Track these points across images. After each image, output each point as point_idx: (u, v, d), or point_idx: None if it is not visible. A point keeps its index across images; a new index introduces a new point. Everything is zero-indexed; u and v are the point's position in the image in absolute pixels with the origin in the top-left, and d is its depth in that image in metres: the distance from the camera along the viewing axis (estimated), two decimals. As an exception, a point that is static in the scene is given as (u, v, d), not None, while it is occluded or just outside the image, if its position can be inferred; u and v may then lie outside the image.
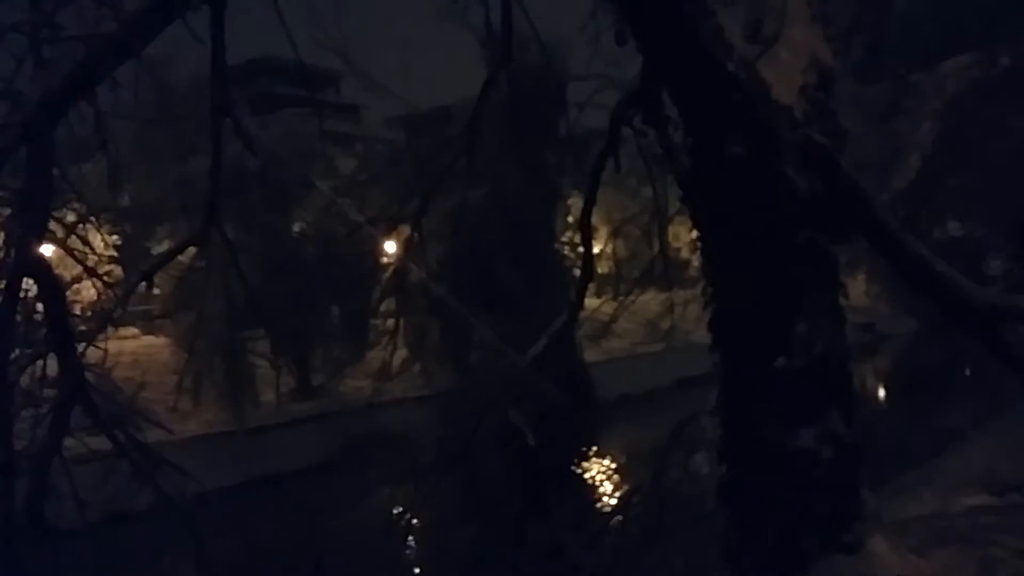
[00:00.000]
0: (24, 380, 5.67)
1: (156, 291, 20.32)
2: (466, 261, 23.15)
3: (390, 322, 21.66)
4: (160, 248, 22.00)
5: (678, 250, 26.05)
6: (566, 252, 27.28)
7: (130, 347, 18.85)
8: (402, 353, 22.60)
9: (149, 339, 22.09)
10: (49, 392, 5.91)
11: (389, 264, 23.66)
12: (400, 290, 14.92)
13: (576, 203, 26.54)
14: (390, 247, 23.32)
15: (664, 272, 10.54)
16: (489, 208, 22.95)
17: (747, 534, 4.86)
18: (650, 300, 15.49)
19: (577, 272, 27.69)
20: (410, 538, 13.43)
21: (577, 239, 29.04)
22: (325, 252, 22.58)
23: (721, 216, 4.96)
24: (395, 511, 15.63)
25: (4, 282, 4.98)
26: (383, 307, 22.58)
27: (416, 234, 11.24)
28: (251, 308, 19.64)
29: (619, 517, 9.21)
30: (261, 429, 20.55)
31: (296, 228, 23.72)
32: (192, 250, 21.81)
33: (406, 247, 14.04)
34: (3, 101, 5.19)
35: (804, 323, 4.74)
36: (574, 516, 12.50)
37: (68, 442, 5.59)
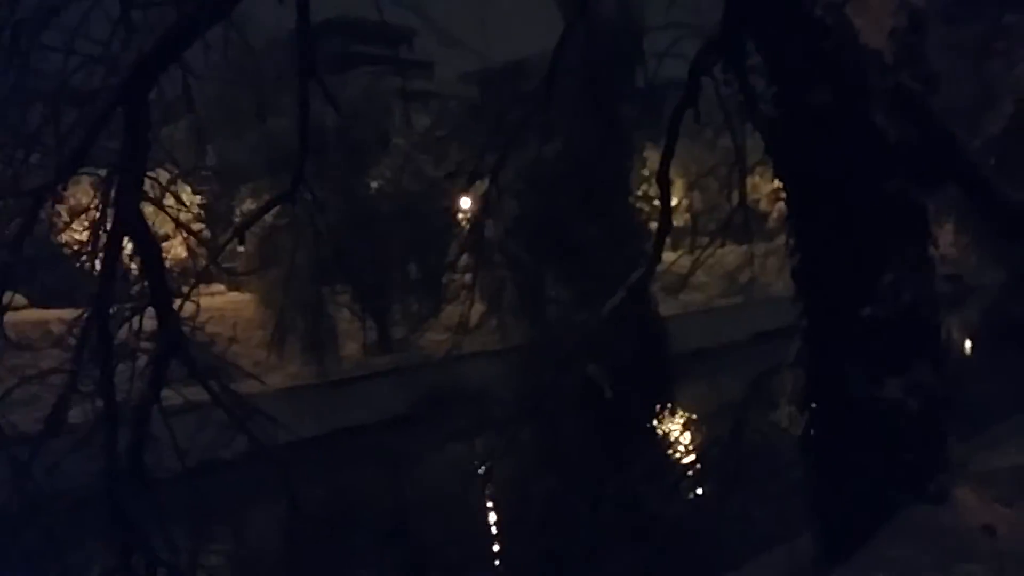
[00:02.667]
0: (122, 334, 5.92)
1: (241, 248, 20.82)
2: (541, 216, 23.12)
3: (467, 277, 21.90)
4: (244, 207, 22.50)
5: (757, 202, 25.65)
6: (641, 206, 27.05)
7: (217, 303, 19.43)
8: (479, 308, 22.82)
9: (235, 295, 22.66)
10: (146, 345, 6.16)
11: (465, 220, 23.84)
12: (476, 245, 15.03)
13: (652, 156, 26.25)
14: (466, 203, 23.52)
15: (744, 224, 10.38)
16: (564, 162, 22.81)
17: (832, 484, 4.86)
18: (728, 253, 15.29)
19: (653, 226, 27.48)
20: (489, 489, 13.71)
21: (653, 192, 28.82)
22: (403, 208, 22.81)
23: (808, 165, 4.88)
24: (475, 463, 15.94)
25: (103, 240, 5.21)
26: (460, 262, 22.81)
27: (492, 189, 11.29)
28: (333, 264, 20.06)
29: (696, 469, 9.27)
30: (343, 382, 21.02)
31: (374, 185, 23.96)
32: (278, 208, 22.27)
33: (482, 203, 14.11)
34: (99, 64, 5.37)
35: (892, 272, 4.67)
36: (651, 469, 12.54)
37: (165, 393, 5.85)
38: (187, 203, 10.08)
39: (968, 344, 20.29)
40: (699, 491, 8.50)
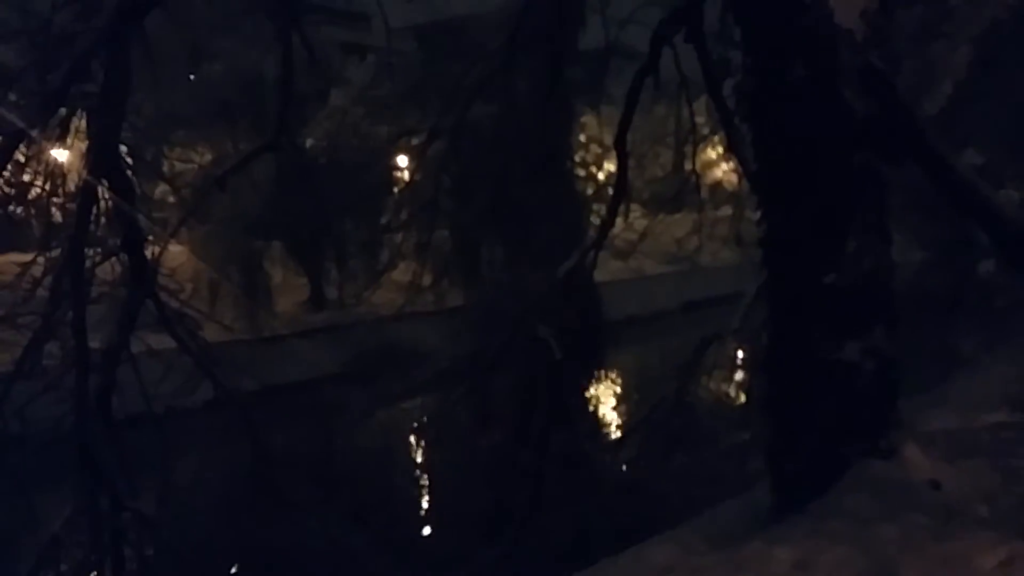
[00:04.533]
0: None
1: (172, 199, 20.40)
2: (479, 177, 23.14)
3: (403, 237, 21.85)
4: (176, 156, 21.94)
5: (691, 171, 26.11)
6: (577, 171, 27.27)
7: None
8: (414, 268, 22.81)
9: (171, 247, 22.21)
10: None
11: (402, 179, 23.72)
12: (413, 205, 15.01)
13: (589, 121, 26.41)
14: (403, 161, 23.38)
15: (696, 193, 10.68)
16: (505, 124, 22.81)
17: (789, 441, 5.15)
18: (669, 222, 15.63)
19: (588, 192, 27.62)
20: (429, 446, 13.87)
21: (589, 159, 29.06)
22: (339, 165, 22.55)
23: (778, 137, 5.10)
24: (414, 421, 16.07)
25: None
26: (397, 221, 22.72)
27: (447, 149, 11.32)
28: (268, 218, 19.82)
29: (641, 429, 9.55)
30: (275, 338, 20.85)
31: (310, 141, 23.62)
32: (207, 159, 21.70)
33: (425, 161, 14.10)
34: (79, 4, 5.28)
35: (854, 241, 4.93)
36: (595, 429, 12.88)
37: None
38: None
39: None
40: (645, 450, 8.78)
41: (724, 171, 28.27)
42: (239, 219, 19.61)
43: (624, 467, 9.32)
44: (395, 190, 23.51)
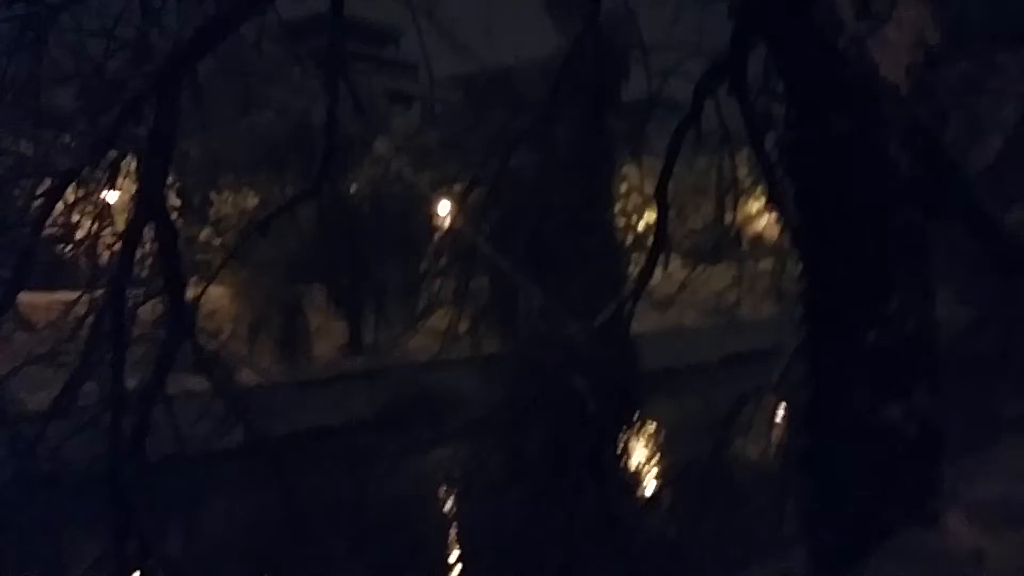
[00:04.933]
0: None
1: (216, 242, 20.75)
2: (519, 226, 23.22)
3: (441, 283, 21.85)
4: (223, 198, 22.37)
5: (732, 223, 25.96)
6: (618, 222, 27.30)
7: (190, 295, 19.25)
8: (452, 315, 22.81)
9: (212, 288, 22.54)
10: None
11: (443, 226, 23.90)
12: (452, 252, 15.03)
13: (630, 172, 26.47)
14: (444, 208, 23.57)
15: (736, 245, 10.58)
16: (547, 173, 22.92)
17: (827, 504, 5.00)
18: (708, 274, 15.48)
19: (628, 242, 27.56)
20: (460, 497, 13.75)
21: (629, 208, 29.06)
22: (381, 211, 22.83)
23: (821, 190, 5.04)
24: (445, 470, 15.96)
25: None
26: (437, 268, 22.71)
27: (487, 197, 11.38)
28: (310, 263, 20.03)
29: (675, 486, 9.39)
30: (312, 383, 20.95)
31: (353, 187, 23.97)
32: (253, 202, 22.08)
33: (461, 209, 14.15)
34: (127, 49, 5.41)
35: (897, 300, 4.83)
36: (628, 484, 12.67)
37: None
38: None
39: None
40: (679, 508, 8.60)
41: (765, 224, 28.08)
42: (281, 263, 19.85)
43: (657, 524, 9.14)
44: (435, 237, 23.67)
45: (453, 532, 12.86)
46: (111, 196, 6.06)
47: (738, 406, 8.66)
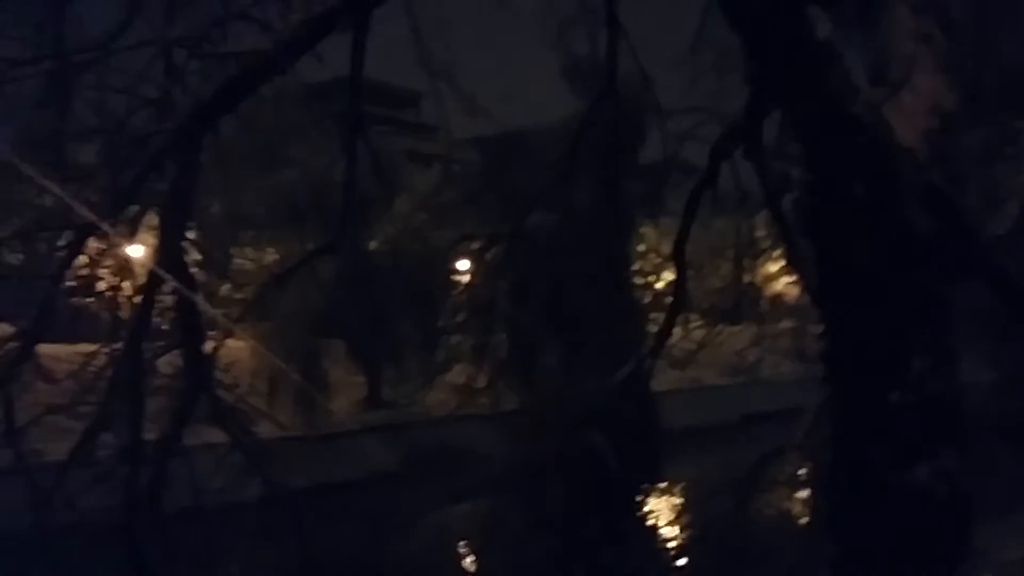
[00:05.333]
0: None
1: (237, 296, 20.87)
2: (537, 283, 23.28)
3: (460, 339, 21.85)
4: (243, 253, 22.56)
5: (751, 284, 25.95)
6: (636, 280, 27.30)
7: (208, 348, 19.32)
8: (470, 370, 22.76)
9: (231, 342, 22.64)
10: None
11: (462, 282, 23.99)
12: (471, 308, 15.03)
13: (648, 232, 26.57)
14: (463, 265, 23.69)
15: (755, 305, 10.58)
16: (563, 232, 23.06)
17: (854, 567, 4.90)
18: (728, 333, 15.47)
19: (646, 302, 27.52)
20: (476, 555, 13.58)
21: (647, 268, 29.09)
22: (400, 267, 22.96)
23: (840, 252, 5.03)
24: (462, 526, 15.80)
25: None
26: (455, 324, 22.77)
27: (504, 255, 11.45)
28: (329, 317, 20.11)
29: (696, 545, 9.26)
30: (330, 436, 20.85)
31: (373, 243, 24.14)
32: (272, 257, 22.18)
33: (479, 266, 14.25)
34: (150, 106, 5.54)
35: (919, 360, 4.78)
36: (648, 544, 12.46)
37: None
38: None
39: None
40: (702, 568, 8.46)
41: (785, 284, 28.06)
42: (301, 317, 19.93)
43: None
44: (453, 293, 23.77)
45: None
46: (132, 250, 6.14)
47: (760, 465, 8.58)
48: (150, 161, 4.93)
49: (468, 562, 14.12)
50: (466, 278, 24.62)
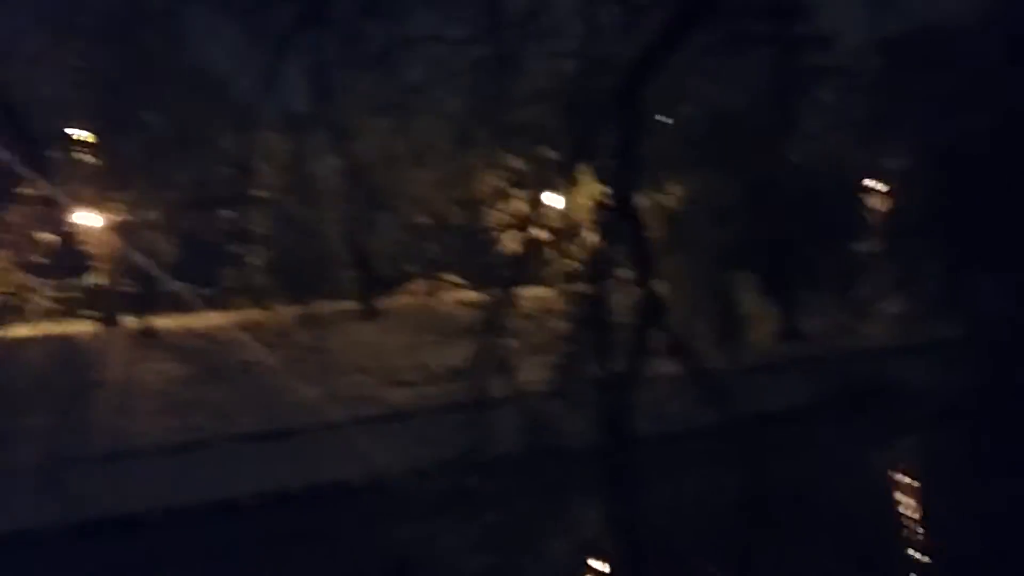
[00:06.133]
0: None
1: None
2: (965, 204, 21.18)
3: (882, 266, 20.58)
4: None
5: None
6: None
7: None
8: (898, 299, 21.41)
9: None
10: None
11: (877, 206, 22.52)
12: (893, 233, 14.06)
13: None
14: (878, 186, 22.23)
15: None
16: (995, 139, 20.69)
17: None
18: None
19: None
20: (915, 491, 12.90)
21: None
22: (810, 192, 22.17)
23: None
24: (896, 464, 15.06)
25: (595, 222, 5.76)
26: (873, 248, 21.56)
27: (911, 171, 10.64)
28: (738, 249, 20.08)
29: None
30: (750, 369, 20.88)
31: (780, 168, 23.41)
32: (679, 195, 22.31)
33: (894, 187, 13.28)
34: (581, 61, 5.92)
35: None
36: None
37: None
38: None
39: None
40: None
41: None
42: (713, 250, 20.15)
43: None
44: (868, 217, 22.51)
45: (916, 523, 12.06)
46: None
47: None
48: (598, 115, 5.32)
49: (911, 498, 13.46)
50: (882, 201, 23.06)
